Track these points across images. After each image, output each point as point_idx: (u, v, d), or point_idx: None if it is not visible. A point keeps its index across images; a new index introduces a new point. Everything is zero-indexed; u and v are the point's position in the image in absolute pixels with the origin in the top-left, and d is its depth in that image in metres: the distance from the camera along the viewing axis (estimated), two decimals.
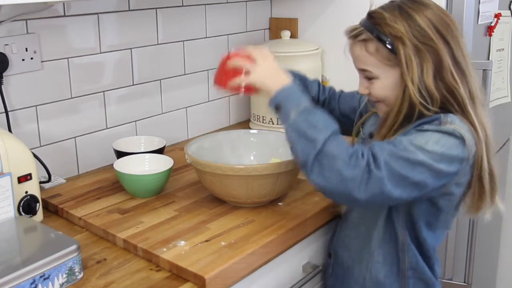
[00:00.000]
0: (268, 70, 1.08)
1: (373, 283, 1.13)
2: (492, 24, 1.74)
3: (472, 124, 1.01)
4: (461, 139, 0.97)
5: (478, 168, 1.02)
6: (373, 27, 1.02)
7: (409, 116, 1.02)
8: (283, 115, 1.03)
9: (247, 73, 1.09)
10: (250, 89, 1.10)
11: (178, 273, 1.01)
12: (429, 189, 0.98)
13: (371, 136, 1.16)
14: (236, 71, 1.10)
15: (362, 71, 1.07)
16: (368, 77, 1.06)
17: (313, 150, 0.97)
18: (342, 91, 1.36)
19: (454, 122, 0.99)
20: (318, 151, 0.96)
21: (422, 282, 1.12)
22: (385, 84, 1.04)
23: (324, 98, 1.32)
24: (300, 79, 1.29)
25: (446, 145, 0.97)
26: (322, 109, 1.04)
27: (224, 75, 1.13)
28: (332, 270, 1.23)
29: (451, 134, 0.97)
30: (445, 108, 1.02)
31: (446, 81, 1.01)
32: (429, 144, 0.96)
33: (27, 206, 1.13)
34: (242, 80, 1.09)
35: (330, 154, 0.96)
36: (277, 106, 1.04)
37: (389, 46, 1.01)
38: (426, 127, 0.99)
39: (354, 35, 1.06)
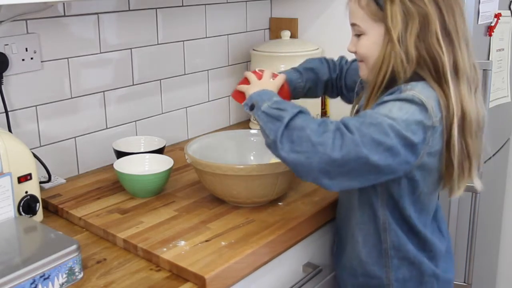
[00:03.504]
0: (262, 82, 1.19)
1: (358, 262, 1.15)
2: (492, 24, 1.73)
3: (445, 94, 0.99)
4: (421, 105, 0.96)
5: (447, 139, 1.00)
6: None
7: (390, 79, 1.02)
8: (256, 109, 1.07)
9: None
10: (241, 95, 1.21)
11: (178, 273, 1.01)
12: (402, 159, 0.96)
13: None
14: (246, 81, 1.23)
15: (352, 26, 1.09)
16: (357, 33, 1.08)
17: (281, 126, 0.99)
18: (352, 63, 1.36)
19: (413, 88, 0.99)
20: (286, 125, 0.99)
21: (406, 262, 1.11)
22: (370, 40, 1.05)
23: (336, 76, 1.36)
24: (307, 71, 1.34)
25: (409, 112, 0.96)
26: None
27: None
28: (336, 247, 1.26)
29: (410, 100, 0.97)
30: (420, 75, 1.01)
31: (429, 43, 1.00)
32: (393, 111, 0.96)
33: (27, 206, 1.13)
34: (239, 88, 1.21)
35: (299, 126, 0.98)
36: (252, 106, 1.09)
37: (378, 1, 1.02)
38: (386, 98, 1.00)
39: None
